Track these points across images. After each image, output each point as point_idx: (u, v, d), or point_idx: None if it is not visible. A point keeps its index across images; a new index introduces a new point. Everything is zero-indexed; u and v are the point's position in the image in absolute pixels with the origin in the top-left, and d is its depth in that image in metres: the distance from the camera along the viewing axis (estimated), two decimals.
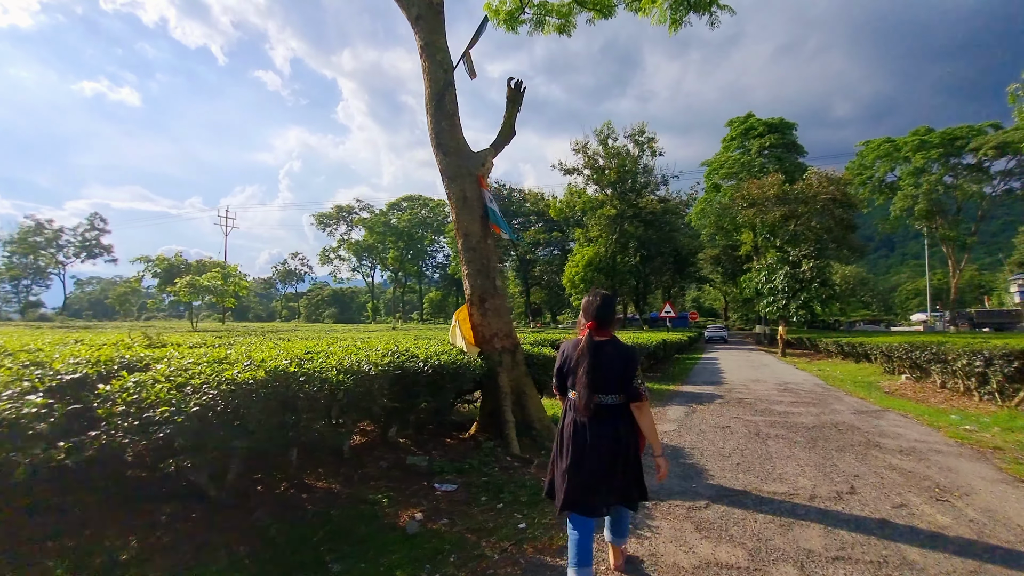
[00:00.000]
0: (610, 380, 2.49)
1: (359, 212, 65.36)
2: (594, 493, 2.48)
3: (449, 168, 5.33)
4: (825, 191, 24.94)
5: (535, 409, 5.41)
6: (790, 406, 8.42)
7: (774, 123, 37.98)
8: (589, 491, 2.47)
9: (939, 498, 4.05)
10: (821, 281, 22.47)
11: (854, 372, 15.40)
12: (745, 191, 27.13)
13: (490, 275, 5.42)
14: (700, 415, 7.57)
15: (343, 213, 79.38)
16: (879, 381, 13.00)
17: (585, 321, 2.63)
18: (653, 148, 35.19)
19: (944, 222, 43.10)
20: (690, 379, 12.87)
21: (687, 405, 8.45)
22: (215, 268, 25.92)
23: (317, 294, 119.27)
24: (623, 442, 2.50)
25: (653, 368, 15.31)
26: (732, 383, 11.85)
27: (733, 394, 9.86)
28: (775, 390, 10.57)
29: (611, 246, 35.69)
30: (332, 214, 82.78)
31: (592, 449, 2.47)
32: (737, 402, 8.82)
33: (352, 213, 79.01)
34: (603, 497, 2.52)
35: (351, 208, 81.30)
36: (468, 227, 5.37)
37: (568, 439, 2.54)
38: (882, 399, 9.57)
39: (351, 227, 61.61)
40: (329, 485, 4.06)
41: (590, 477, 2.47)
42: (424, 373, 4.35)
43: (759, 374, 14.10)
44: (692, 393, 9.99)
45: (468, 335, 5.41)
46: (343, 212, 79.46)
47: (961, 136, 41.05)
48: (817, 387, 11.34)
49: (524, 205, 55.72)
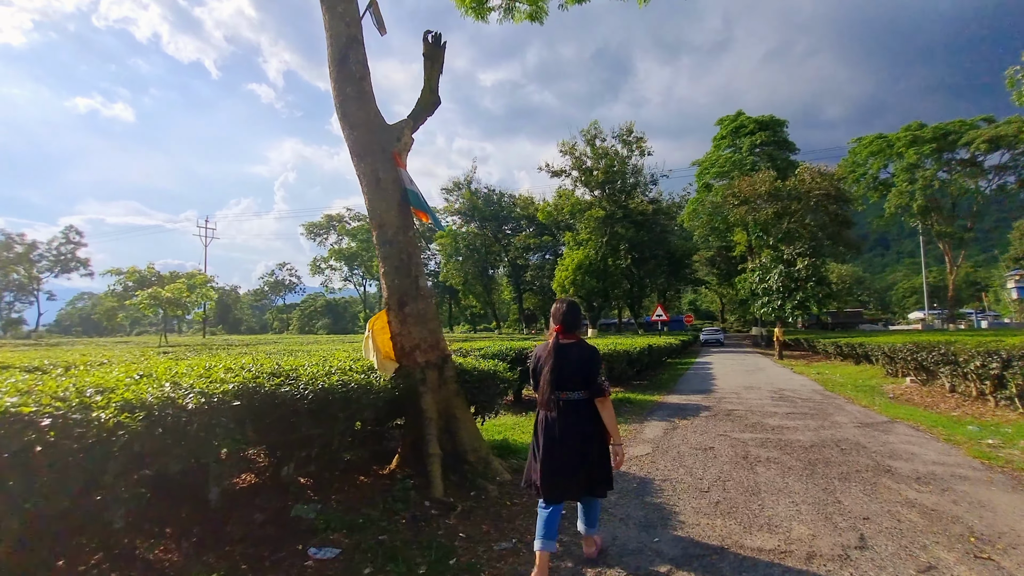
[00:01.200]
0: (575, 378, 2.76)
1: (349, 221, 64.20)
2: (564, 483, 2.76)
3: (357, 143, 4.37)
4: (818, 187, 24.12)
5: (469, 437, 4.40)
6: (785, 419, 7.43)
7: (764, 120, 37.31)
8: (560, 481, 2.75)
9: (978, 554, 3.05)
10: (817, 280, 21.56)
11: (854, 375, 14.44)
12: (736, 188, 26.27)
13: (411, 273, 4.44)
14: (682, 433, 6.56)
15: (333, 222, 78.41)
16: (882, 385, 12.04)
17: (554, 325, 2.92)
18: (642, 148, 34.39)
19: (940, 218, 42.45)
20: (678, 387, 11.87)
21: (668, 420, 7.44)
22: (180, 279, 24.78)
23: (310, 305, 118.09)
24: (589, 435, 2.77)
25: (640, 375, 14.33)
26: (723, 391, 10.85)
27: (723, 405, 8.85)
28: (769, 399, 9.57)
29: (602, 248, 34.72)
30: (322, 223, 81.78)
31: (561, 442, 2.74)
32: (726, 415, 7.81)
33: (342, 222, 77.98)
34: (572, 486, 2.79)
35: (341, 217, 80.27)
36: (383, 215, 4.40)
37: (540, 433, 2.82)
38: (887, 407, 8.59)
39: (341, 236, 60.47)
40: (167, 554, 3.03)
41: (561, 467, 2.75)
42: (304, 400, 3.34)
43: (753, 380, 13.11)
44: (677, 405, 8.98)
45: (386, 347, 4.41)
46: (333, 221, 78.50)
47: (953, 131, 40.50)
48: (815, 394, 10.36)
49: (514, 210, 54.87)
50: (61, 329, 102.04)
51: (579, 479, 2.78)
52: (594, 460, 2.78)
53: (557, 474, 2.75)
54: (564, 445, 2.74)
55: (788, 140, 37.58)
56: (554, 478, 2.75)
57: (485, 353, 8.36)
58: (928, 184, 38.10)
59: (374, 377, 4.02)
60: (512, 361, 8.13)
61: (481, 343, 10.67)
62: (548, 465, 2.75)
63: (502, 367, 5.22)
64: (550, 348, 2.84)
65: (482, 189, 56.61)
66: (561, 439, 2.74)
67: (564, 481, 2.76)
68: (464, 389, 4.58)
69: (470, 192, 54.28)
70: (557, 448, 2.75)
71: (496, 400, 4.95)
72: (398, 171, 4.42)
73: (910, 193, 41.36)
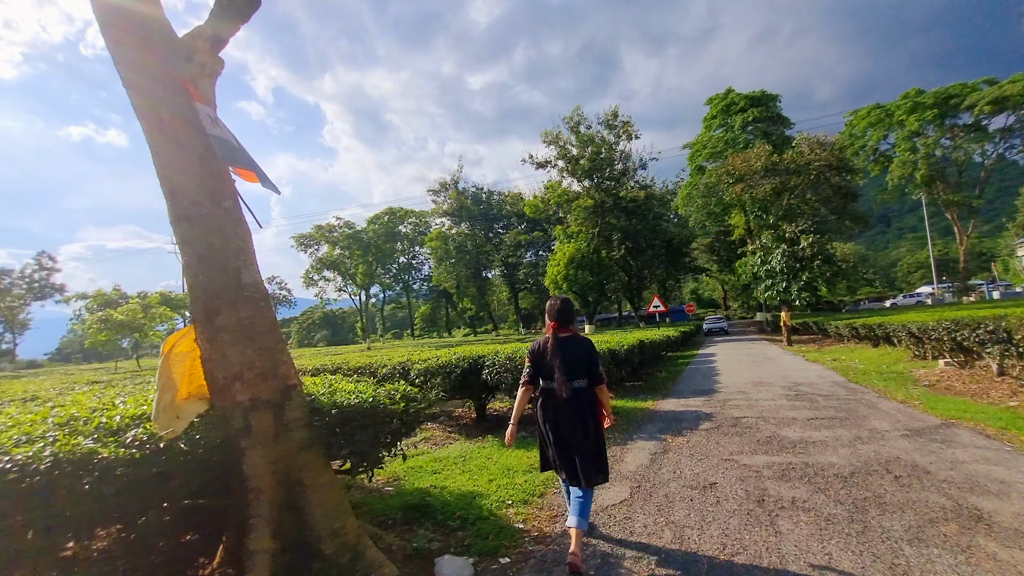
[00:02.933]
0: (579, 368, 3.07)
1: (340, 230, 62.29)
2: (572, 469, 3.02)
3: (130, 66, 2.79)
4: (818, 158, 22.44)
5: (326, 515, 2.80)
6: (808, 427, 5.81)
7: (756, 96, 35.60)
8: (570, 466, 3.03)
9: None
10: (824, 258, 19.89)
11: (875, 359, 12.81)
12: (730, 166, 24.60)
13: (227, 265, 2.86)
14: (674, 459, 4.95)
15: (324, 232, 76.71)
16: (911, 371, 10.43)
17: (549, 322, 3.19)
18: (629, 132, 32.69)
19: (946, 187, 40.69)
20: (676, 388, 10.26)
21: (659, 438, 5.83)
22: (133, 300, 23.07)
23: (307, 317, 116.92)
24: (588, 419, 3.06)
25: (636, 375, 12.73)
26: (728, 390, 9.24)
27: (728, 410, 7.24)
28: (784, 397, 7.96)
29: (593, 240, 33.02)
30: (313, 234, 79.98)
31: (567, 425, 3.04)
32: (732, 426, 6.19)
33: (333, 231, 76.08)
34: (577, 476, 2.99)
35: (332, 227, 78.33)
36: (174, 177, 2.82)
37: (552, 421, 3.10)
38: (930, 400, 6.98)
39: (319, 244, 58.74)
40: None
41: (565, 448, 3.05)
42: None
43: (762, 373, 11.49)
44: (672, 414, 7.36)
45: (191, 380, 2.83)
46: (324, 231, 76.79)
47: (956, 94, 38.72)
48: (838, 387, 8.74)
49: (504, 207, 53.29)
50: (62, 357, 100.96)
51: (584, 469, 2.98)
52: (592, 441, 3.04)
53: (569, 460, 3.01)
54: (569, 428, 3.02)
55: (782, 115, 35.86)
56: (568, 464, 3.01)
57: (428, 367, 6.80)
58: (931, 152, 36.34)
59: (143, 434, 2.43)
60: (453, 375, 6.56)
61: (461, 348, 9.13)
62: (562, 452, 3.04)
63: (388, 396, 3.52)
64: (552, 344, 3.08)
65: (470, 188, 55.08)
66: (571, 426, 3.02)
67: (574, 470, 3.00)
68: (321, 437, 2.98)
69: (457, 192, 52.73)
70: (563, 432, 3.04)
71: (379, 448, 3.35)
72: (194, 108, 2.83)
73: (913, 163, 39.61)
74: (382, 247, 55.54)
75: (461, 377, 6.68)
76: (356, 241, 55.57)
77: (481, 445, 6.03)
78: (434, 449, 6.07)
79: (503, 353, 6.85)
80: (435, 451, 5.94)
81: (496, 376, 6.45)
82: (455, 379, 6.61)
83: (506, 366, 6.48)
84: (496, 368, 6.52)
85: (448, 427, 7.46)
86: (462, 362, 6.81)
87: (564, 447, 3.04)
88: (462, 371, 6.72)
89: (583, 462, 2.98)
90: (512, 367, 6.44)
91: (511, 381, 6.42)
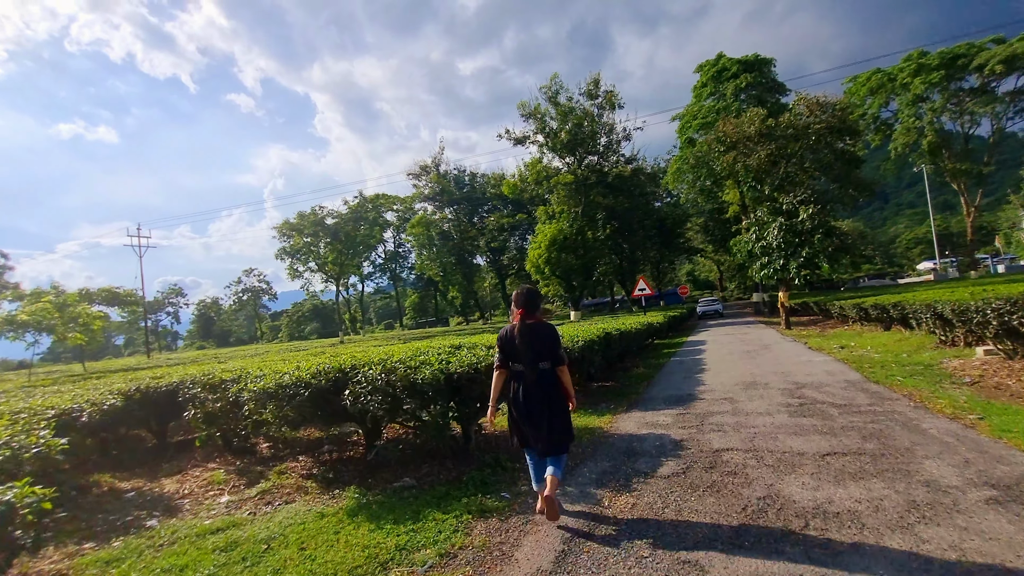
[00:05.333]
0: (543, 352, 3.39)
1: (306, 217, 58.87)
2: (542, 442, 3.37)
3: None
4: (819, 120, 20.12)
5: None
6: (823, 473, 3.71)
7: (749, 61, 32.95)
8: (539, 439, 3.38)
9: None
10: (825, 231, 17.71)
11: (891, 346, 10.77)
12: (721, 131, 22.23)
13: None
14: (599, 559, 2.86)
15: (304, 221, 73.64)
16: (941, 362, 8.40)
17: (516, 309, 3.49)
18: (612, 101, 30.09)
19: (952, 155, 38.42)
20: (649, 391, 8.18)
21: (590, 499, 3.71)
22: (46, 297, 20.69)
23: (297, 310, 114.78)
24: (553, 396, 3.40)
25: (611, 371, 10.71)
26: (713, 395, 7.16)
27: (705, 434, 5.15)
28: (785, 409, 5.87)
29: (577, 220, 30.68)
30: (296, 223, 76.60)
31: (538, 405, 3.36)
32: (707, 468, 4.08)
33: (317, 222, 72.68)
34: (547, 447, 3.36)
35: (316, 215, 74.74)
36: None
37: (520, 401, 3.41)
38: (991, 412, 4.92)
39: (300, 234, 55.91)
40: None
41: (536, 423, 3.36)
42: None
43: (757, 368, 9.42)
44: (627, 441, 5.26)
45: None
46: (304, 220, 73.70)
47: (963, 54, 36.22)
48: (854, 389, 6.67)
49: (488, 189, 50.77)
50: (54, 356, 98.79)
51: (553, 441, 3.36)
52: (563, 419, 3.42)
53: (538, 435, 3.37)
54: (540, 409, 3.36)
55: (777, 81, 33.23)
56: (537, 438, 3.39)
57: (265, 387, 4.66)
58: (938, 116, 33.96)
59: None
60: (297, 398, 4.43)
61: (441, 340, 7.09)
62: (529, 424, 3.40)
63: None
64: (520, 329, 3.42)
65: (452, 171, 52.46)
66: (539, 403, 3.36)
67: (544, 443, 3.36)
68: None
69: (438, 175, 50.13)
70: (531, 410, 3.37)
71: None
72: None
73: (918, 130, 37.24)
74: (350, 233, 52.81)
75: (312, 401, 4.55)
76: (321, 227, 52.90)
77: (351, 503, 3.94)
78: (249, 517, 3.93)
79: (380, 364, 4.73)
80: (248, 520, 3.82)
81: (362, 401, 4.33)
82: (303, 404, 4.49)
83: (379, 383, 4.37)
84: (364, 387, 4.40)
85: (324, 464, 5.37)
86: (319, 379, 4.67)
87: (534, 422, 3.37)
88: (318, 391, 4.60)
89: (552, 433, 3.36)
90: (386, 385, 4.34)
91: (385, 406, 4.32)
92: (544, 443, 3.34)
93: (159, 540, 3.55)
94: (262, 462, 5.77)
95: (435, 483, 4.35)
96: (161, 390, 6.15)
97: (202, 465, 5.72)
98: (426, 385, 4.38)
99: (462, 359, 4.88)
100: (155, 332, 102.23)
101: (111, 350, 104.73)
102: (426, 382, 4.38)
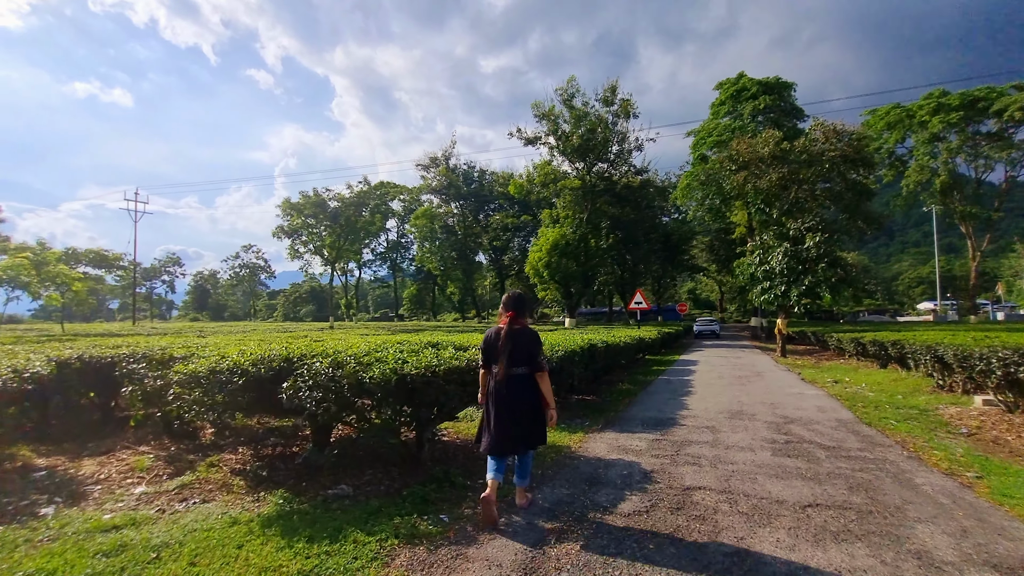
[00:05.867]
0: (522, 356, 3.46)
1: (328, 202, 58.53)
2: (510, 441, 3.42)
3: None
4: (834, 148, 19.69)
5: None
6: (801, 530, 3.27)
7: (769, 83, 32.58)
8: (507, 440, 3.41)
9: None
10: (830, 261, 17.29)
11: (886, 386, 10.34)
12: (734, 150, 21.80)
13: None
14: None
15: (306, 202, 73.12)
16: (937, 408, 7.98)
17: (505, 313, 3.58)
18: (628, 110, 29.65)
19: (962, 197, 37.99)
20: (630, 410, 7.75)
21: (535, 534, 3.30)
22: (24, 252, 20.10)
23: (295, 291, 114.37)
24: (531, 402, 3.47)
25: (596, 384, 10.28)
26: (695, 421, 6.73)
27: (679, 467, 4.72)
28: (769, 445, 5.44)
29: (581, 227, 30.20)
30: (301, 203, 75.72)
31: (508, 408, 3.42)
32: (673, 510, 3.64)
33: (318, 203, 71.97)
34: (514, 443, 3.43)
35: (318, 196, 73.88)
36: None
37: (493, 403, 3.48)
38: (990, 469, 4.50)
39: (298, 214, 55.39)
40: None
41: (507, 428, 3.40)
42: None
43: (746, 396, 8.99)
44: (595, 467, 4.83)
45: None
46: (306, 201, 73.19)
47: (983, 97, 35.84)
48: (845, 430, 6.24)
49: (496, 188, 50.34)
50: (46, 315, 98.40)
51: (521, 437, 3.42)
52: (534, 419, 3.48)
53: (505, 434, 3.40)
54: (510, 411, 3.41)
55: (796, 106, 32.85)
56: (502, 438, 3.40)
57: (196, 371, 4.24)
58: (953, 157, 33.52)
59: None
60: (230, 387, 4.00)
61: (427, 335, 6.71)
62: (499, 428, 3.41)
63: None
64: (505, 332, 3.49)
65: (462, 166, 52.04)
66: (509, 406, 3.41)
67: (511, 441, 3.41)
68: None
69: (447, 168, 49.70)
70: (506, 414, 3.41)
71: None
72: None
73: (932, 169, 36.83)
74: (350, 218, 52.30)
75: (247, 390, 4.11)
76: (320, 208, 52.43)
77: (271, 510, 3.51)
78: (156, 515, 3.50)
79: (330, 356, 4.30)
80: (152, 519, 3.39)
81: (301, 396, 3.90)
82: (235, 393, 4.06)
83: (322, 378, 3.94)
84: (305, 380, 3.97)
85: (263, 459, 4.94)
86: (259, 367, 4.24)
87: (504, 423, 3.40)
88: (256, 381, 4.17)
89: (523, 431, 3.41)
90: (329, 381, 3.91)
91: (326, 405, 3.89)
92: (513, 440, 3.39)
93: (42, 534, 3.12)
94: (200, 449, 5.34)
95: (372, 494, 3.92)
96: (105, 361, 5.73)
97: (132, 448, 5.29)
98: (374, 385, 3.96)
99: (420, 360, 4.46)
100: (149, 299, 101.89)
101: (104, 313, 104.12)
102: (375, 382, 3.96)
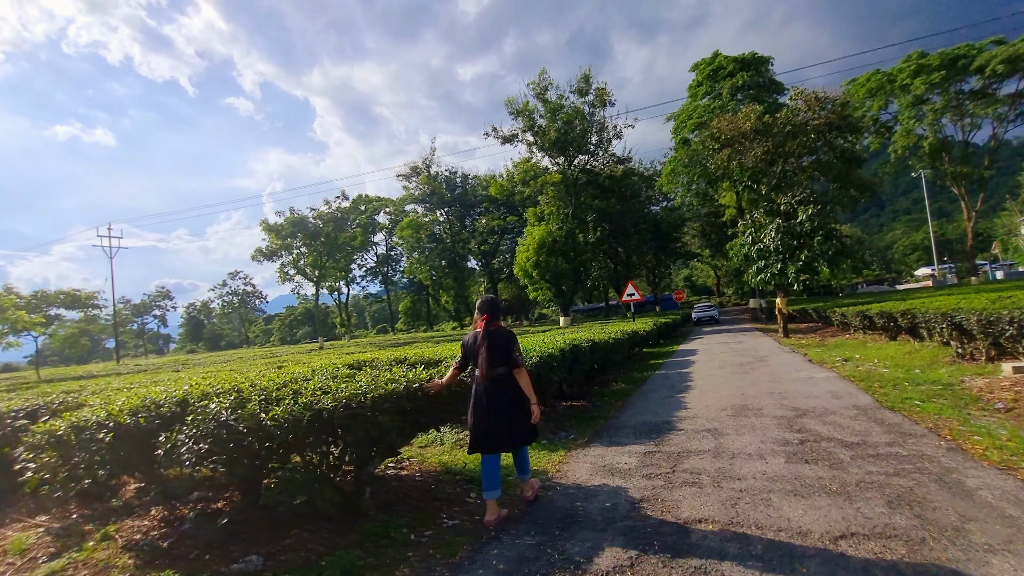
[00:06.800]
0: (500, 357, 3.54)
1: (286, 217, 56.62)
2: (495, 438, 3.51)
3: None
4: (817, 116, 19.00)
5: None
6: None
7: (745, 59, 31.93)
8: (491, 437, 3.51)
9: None
10: (825, 233, 16.57)
11: (901, 360, 9.54)
12: (715, 128, 21.08)
13: None
14: None
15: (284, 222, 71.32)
16: (962, 380, 7.19)
17: (480, 316, 3.67)
18: (604, 98, 28.93)
19: (951, 158, 37.45)
20: (620, 417, 6.90)
21: None
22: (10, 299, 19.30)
23: (290, 314, 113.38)
24: (513, 400, 3.54)
25: (587, 388, 9.45)
26: (695, 423, 5.89)
27: (674, 490, 3.87)
28: (781, 449, 4.60)
29: (567, 222, 29.43)
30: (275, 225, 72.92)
31: (491, 407, 3.50)
32: (662, 569, 2.82)
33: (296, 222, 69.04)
34: (502, 442, 3.54)
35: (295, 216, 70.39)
36: None
37: (475, 402, 3.57)
38: None
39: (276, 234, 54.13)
40: None
41: (491, 427, 3.49)
42: None
43: (750, 388, 8.16)
44: (571, 498, 3.96)
45: None
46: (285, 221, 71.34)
47: (963, 55, 35.35)
48: (866, 418, 5.40)
49: (480, 192, 49.58)
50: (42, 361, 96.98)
51: (508, 434, 3.52)
52: (518, 418, 3.53)
53: (491, 432, 3.49)
54: (493, 409, 3.49)
55: (775, 80, 32.20)
56: (488, 435, 3.50)
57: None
58: (939, 118, 32.96)
59: None
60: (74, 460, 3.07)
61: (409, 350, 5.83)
62: (484, 426, 3.50)
63: None
64: (482, 335, 3.60)
65: (443, 172, 51.24)
66: (491, 404, 3.50)
67: (496, 438, 3.50)
68: None
69: (428, 176, 48.89)
70: (488, 412, 3.50)
71: None
72: None
73: (919, 133, 36.27)
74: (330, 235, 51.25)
75: (120, 449, 3.25)
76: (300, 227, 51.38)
77: None
78: None
79: (233, 393, 3.44)
80: None
81: (181, 454, 3.03)
82: (107, 451, 3.19)
83: (210, 427, 3.08)
84: (190, 431, 3.11)
85: (171, 524, 4.06)
86: (139, 416, 3.38)
87: (492, 422, 3.48)
88: (137, 434, 3.30)
89: (508, 428, 3.50)
90: (219, 428, 3.06)
91: (214, 458, 3.03)
92: (499, 438, 3.47)
93: None
94: (111, 513, 4.45)
95: (285, 567, 3.06)
96: None
97: (25, 520, 4.42)
98: (276, 427, 3.11)
99: (349, 388, 3.60)
100: (142, 335, 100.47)
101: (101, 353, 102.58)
102: (276, 423, 3.11)
